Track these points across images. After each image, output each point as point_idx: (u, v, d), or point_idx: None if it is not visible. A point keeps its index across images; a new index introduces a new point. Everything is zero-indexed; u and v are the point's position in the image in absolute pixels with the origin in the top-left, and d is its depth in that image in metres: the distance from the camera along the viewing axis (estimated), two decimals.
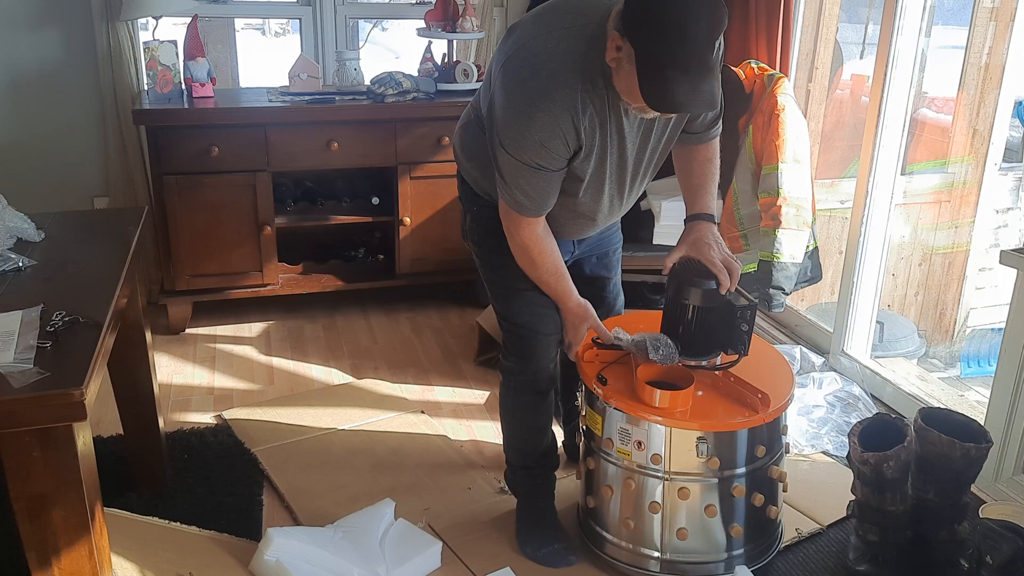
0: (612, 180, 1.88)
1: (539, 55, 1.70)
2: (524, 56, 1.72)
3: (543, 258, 1.91)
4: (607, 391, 1.94)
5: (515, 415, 2.17)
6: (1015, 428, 2.24)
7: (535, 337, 2.05)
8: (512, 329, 2.07)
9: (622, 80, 1.64)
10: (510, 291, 2.04)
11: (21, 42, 3.37)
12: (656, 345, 1.95)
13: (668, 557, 1.99)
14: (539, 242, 1.88)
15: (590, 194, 1.88)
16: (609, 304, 2.26)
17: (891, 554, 1.97)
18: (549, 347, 2.08)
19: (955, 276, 3.83)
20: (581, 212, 1.94)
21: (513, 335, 2.08)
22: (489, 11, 3.75)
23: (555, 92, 1.68)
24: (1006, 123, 3.60)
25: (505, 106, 1.74)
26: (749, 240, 3.03)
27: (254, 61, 6.51)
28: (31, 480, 1.44)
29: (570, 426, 2.47)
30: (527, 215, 1.84)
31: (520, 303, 2.04)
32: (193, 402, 2.90)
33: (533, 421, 2.15)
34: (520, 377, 2.10)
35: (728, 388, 1.98)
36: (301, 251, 3.64)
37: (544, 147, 1.72)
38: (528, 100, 1.70)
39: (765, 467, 1.97)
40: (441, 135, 3.41)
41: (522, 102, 1.70)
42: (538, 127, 1.69)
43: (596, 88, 1.70)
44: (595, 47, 1.67)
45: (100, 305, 1.67)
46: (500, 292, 2.07)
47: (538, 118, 1.69)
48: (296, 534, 2.00)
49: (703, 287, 1.92)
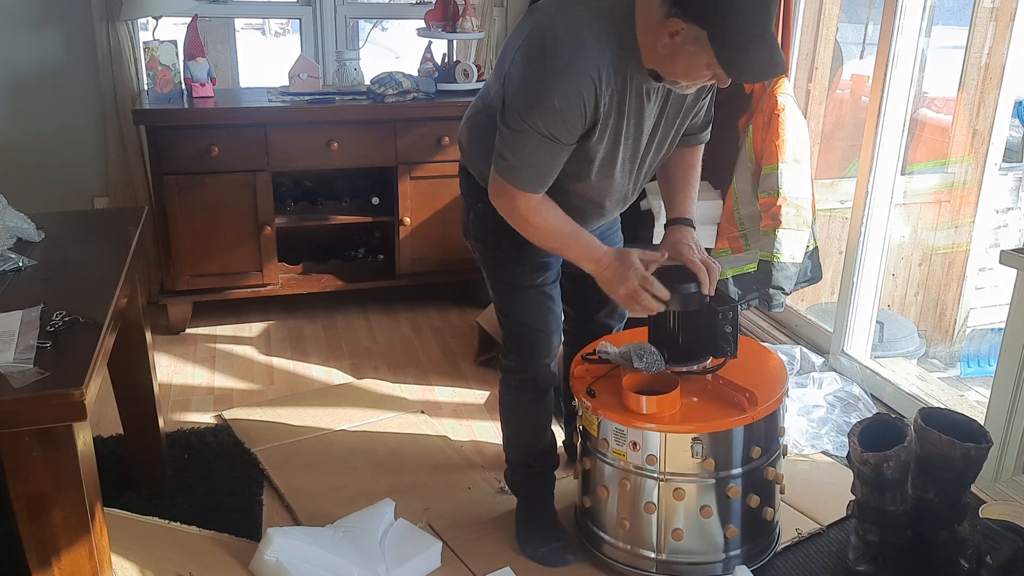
0: (624, 164, 1.86)
1: (566, 27, 1.68)
2: (550, 27, 1.70)
3: (549, 220, 1.83)
4: (595, 403, 1.95)
5: (516, 413, 2.17)
6: (1015, 428, 2.24)
7: (537, 335, 2.05)
8: (514, 327, 2.07)
9: (679, 62, 1.64)
10: (512, 288, 2.04)
11: (21, 42, 3.37)
12: (640, 354, 1.96)
13: (664, 558, 1.99)
14: (539, 207, 1.81)
15: (601, 177, 1.86)
16: (613, 303, 2.26)
17: (891, 554, 1.97)
18: (551, 345, 2.08)
19: (955, 276, 3.83)
20: (590, 198, 1.92)
21: (515, 333, 2.08)
22: (489, 11, 3.75)
23: (580, 62, 1.66)
24: (1006, 123, 3.60)
25: (526, 73, 1.70)
26: (749, 240, 3.03)
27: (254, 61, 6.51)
28: (31, 480, 1.44)
29: (570, 426, 2.47)
30: (525, 189, 1.77)
31: (523, 300, 2.03)
32: (193, 402, 2.90)
33: (534, 419, 2.16)
34: (521, 375, 2.10)
35: (717, 390, 1.98)
36: (301, 251, 3.64)
37: (561, 116, 1.68)
38: (552, 66, 1.67)
39: (761, 468, 1.97)
40: (441, 135, 3.41)
41: (545, 68, 1.68)
42: (560, 94, 1.67)
43: (619, 67, 1.69)
44: (622, 26, 1.67)
45: (100, 305, 1.67)
46: (502, 289, 2.06)
47: (560, 85, 1.66)
48: (296, 534, 2.00)
49: (682, 292, 1.90)
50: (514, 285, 2.03)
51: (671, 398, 1.90)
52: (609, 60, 1.68)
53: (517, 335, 2.07)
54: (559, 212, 1.85)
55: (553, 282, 2.07)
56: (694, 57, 1.62)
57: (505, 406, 2.19)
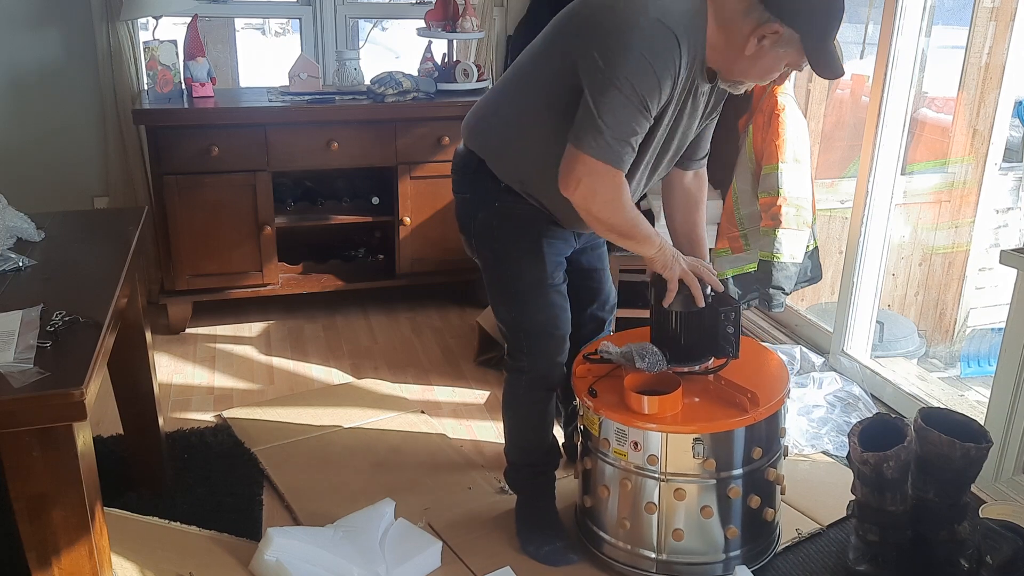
0: (647, 165, 1.90)
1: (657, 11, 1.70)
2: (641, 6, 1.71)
3: (629, 200, 1.83)
4: (597, 403, 1.95)
5: (522, 413, 2.16)
6: (1015, 428, 2.24)
7: (552, 336, 2.05)
8: (530, 328, 2.05)
9: (762, 63, 1.75)
10: (532, 289, 2.02)
11: (21, 42, 3.37)
12: (642, 354, 1.96)
13: (665, 558, 1.99)
14: (626, 187, 1.81)
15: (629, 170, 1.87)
16: (606, 294, 2.28)
17: (891, 554, 1.97)
18: (565, 344, 2.08)
19: (955, 276, 3.83)
20: None
21: (530, 334, 2.05)
22: (489, 11, 3.75)
23: (673, 35, 1.69)
24: (1006, 123, 3.60)
25: (623, 42, 1.68)
26: (749, 240, 3.03)
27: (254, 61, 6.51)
28: (31, 480, 1.44)
29: (570, 427, 2.47)
30: (619, 166, 1.75)
31: (542, 301, 2.02)
32: (193, 402, 2.90)
33: (540, 419, 2.15)
34: (531, 375, 2.09)
35: (719, 391, 1.99)
36: (301, 251, 3.64)
37: (659, 82, 1.69)
38: (650, 33, 1.68)
39: (762, 469, 1.98)
40: (441, 135, 3.41)
41: (643, 34, 1.68)
42: (659, 61, 1.68)
43: (690, 62, 1.74)
44: (699, 23, 1.73)
45: (100, 305, 1.67)
46: (520, 291, 2.03)
47: (657, 50, 1.68)
48: (296, 534, 2.00)
49: (684, 291, 1.93)
50: (534, 285, 2.02)
51: (673, 398, 1.90)
52: (687, 49, 1.72)
53: (533, 336, 2.05)
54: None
55: (564, 281, 2.08)
56: (779, 59, 1.75)
57: (511, 406, 2.18)
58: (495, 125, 1.97)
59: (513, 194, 1.96)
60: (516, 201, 1.96)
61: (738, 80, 1.82)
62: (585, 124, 1.73)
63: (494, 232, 2.02)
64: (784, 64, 1.76)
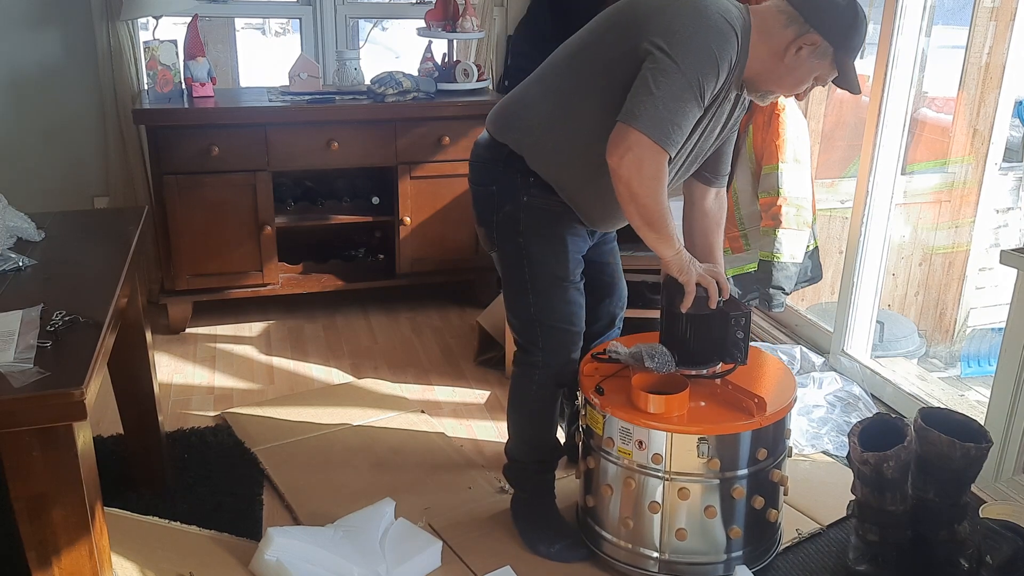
0: (678, 166, 1.93)
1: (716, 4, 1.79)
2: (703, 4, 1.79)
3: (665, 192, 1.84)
4: (604, 401, 1.95)
5: (533, 410, 2.15)
6: (1015, 428, 2.24)
7: (569, 331, 2.06)
8: (546, 322, 2.05)
9: (796, 73, 1.84)
10: (553, 284, 2.03)
11: (21, 42, 3.37)
12: (652, 354, 1.96)
13: (667, 557, 1.99)
14: (666, 174, 1.82)
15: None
16: (620, 289, 2.29)
17: (891, 554, 1.97)
18: (580, 340, 2.10)
19: (955, 276, 3.83)
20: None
21: (546, 328, 2.05)
22: (489, 11, 3.75)
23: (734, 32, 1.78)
24: (1006, 123, 3.60)
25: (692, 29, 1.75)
26: (749, 240, 3.03)
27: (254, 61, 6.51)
28: (31, 480, 1.44)
29: (572, 426, 2.46)
30: (668, 148, 1.77)
31: (562, 297, 2.03)
32: (193, 402, 2.90)
33: (549, 415, 2.16)
34: (544, 370, 2.09)
35: (726, 395, 1.99)
36: (301, 251, 3.64)
37: (717, 72, 1.77)
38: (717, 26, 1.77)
39: (767, 470, 1.98)
40: (441, 135, 3.41)
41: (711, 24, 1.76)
42: (722, 53, 1.76)
43: (735, 66, 1.81)
44: (746, 27, 1.81)
45: (100, 305, 1.67)
46: (540, 285, 2.03)
47: (721, 42, 1.76)
48: (296, 533, 2.00)
49: (697, 294, 1.94)
50: (555, 281, 2.03)
51: (680, 399, 1.90)
52: (740, 49, 1.80)
53: (550, 331, 2.05)
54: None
55: (583, 279, 2.09)
56: (812, 70, 1.84)
57: (521, 403, 2.16)
58: (533, 119, 1.96)
59: (541, 188, 1.97)
60: (544, 195, 1.96)
61: (769, 90, 1.89)
62: (642, 101, 1.75)
63: (519, 226, 2.00)
64: (813, 77, 1.85)
